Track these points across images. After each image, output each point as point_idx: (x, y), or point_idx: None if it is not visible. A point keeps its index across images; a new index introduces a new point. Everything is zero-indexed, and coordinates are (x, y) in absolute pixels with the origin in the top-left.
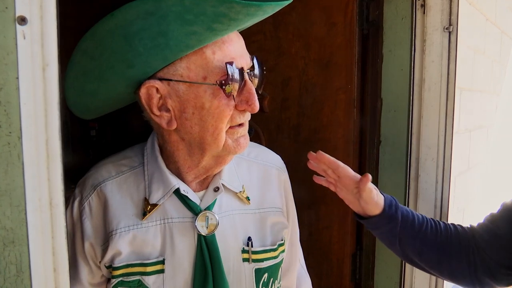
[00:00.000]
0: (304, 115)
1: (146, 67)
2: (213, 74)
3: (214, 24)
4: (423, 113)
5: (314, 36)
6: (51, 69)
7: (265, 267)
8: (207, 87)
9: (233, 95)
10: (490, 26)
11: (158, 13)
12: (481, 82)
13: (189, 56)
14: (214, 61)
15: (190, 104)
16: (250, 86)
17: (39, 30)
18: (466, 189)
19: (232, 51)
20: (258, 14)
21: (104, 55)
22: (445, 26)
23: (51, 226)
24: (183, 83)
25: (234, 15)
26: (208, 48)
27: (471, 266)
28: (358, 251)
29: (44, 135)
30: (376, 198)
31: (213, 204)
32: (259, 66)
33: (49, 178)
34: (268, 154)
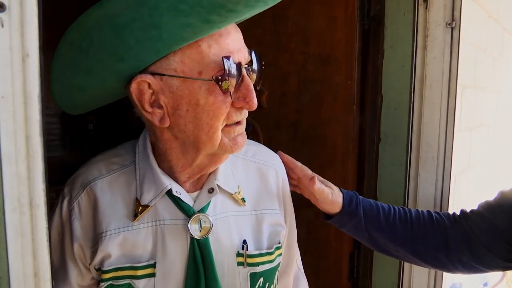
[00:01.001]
0: (303, 111)
1: (137, 61)
2: (209, 69)
3: (210, 15)
4: (424, 110)
5: (313, 31)
6: (31, 60)
7: (261, 271)
8: (202, 82)
9: (230, 91)
10: (493, 23)
11: (149, 3)
12: (483, 80)
13: (184, 50)
14: (210, 55)
15: (184, 101)
16: (248, 82)
17: (18, 18)
18: (466, 187)
19: (229, 45)
20: (259, 5)
21: (92, 48)
22: (448, 22)
23: (31, 228)
24: (176, 78)
25: (232, 6)
26: (204, 42)
27: (449, 250)
28: (356, 250)
29: (23, 131)
30: (331, 197)
31: (207, 206)
32: (258, 61)
33: (29, 177)
34: (266, 153)
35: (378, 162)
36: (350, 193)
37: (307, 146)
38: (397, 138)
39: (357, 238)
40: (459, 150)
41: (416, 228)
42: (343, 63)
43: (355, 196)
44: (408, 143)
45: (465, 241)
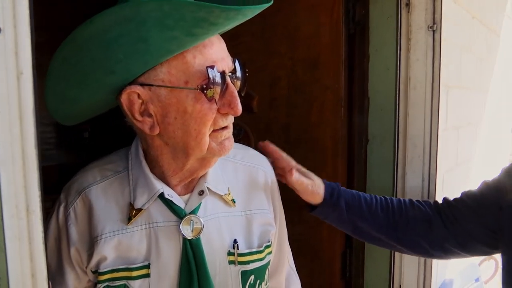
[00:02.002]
0: (293, 114)
1: (126, 73)
2: (194, 78)
3: (194, 29)
4: (409, 111)
5: (301, 36)
6: (25, 77)
7: (251, 269)
8: (188, 91)
9: (215, 99)
10: (477, 23)
11: (136, 19)
12: (468, 80)
13: (170, 61)
14: (195, 65)
15: (172, 109)
16: (232, 89)
17: (12, 39)
18: (454, 185)
19: (213, 55)
20: (238, 18)
21: (84, 61)
22: (429, 25)
23: (28, 232)
24: (164, 88)
25: (214, 19)
26: (189, 53)
27: (431, 236)
28: (348, 249)
29: (19, 143)
30: (310, 188)
31: (198, 207)
32: (241, 68)
33: (26, 186)
34: (255, 155)
35: (366, 163)
36: (332, 185)
37: (298, 149)
38: (384, 139)
39: (341, 229)
40: (447, 149)
41: (398, 216)
42: (331, 67)
43: (337, 187)
44: (395, 143)
45: (448, 228)
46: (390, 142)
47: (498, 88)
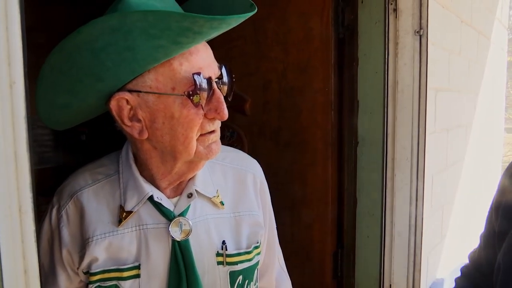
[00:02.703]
0: (285, 118)
1: (115, 80)
2: (181, 84)
3: (179, 37)
4: (397, 114)
5: (292, 41)
6: (17, 87)
7: (240, 269)
8: (175, 97)
9: (202, 104)
10: (466, 27)
11: (123, 28)
12: (458, 82)
13: (157, 68)
14: (182, 72)
15: (160, 114)
16: (218, 94)
17: (5, 50)
18: (445, 186)
19: (199, 62)
20: (222, 27)
21: (73, 70)
22: (416, 30)
23: (21, 231)
24: (152, 94)
25: (198, 28)
26: (176, 60)
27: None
28: (339, 250)
29: (12, 147)
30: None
31: (187, 210)
32: (228, 74)
33: (18, 187)
34: (244, 158)
35: (356, 164)
36: None
37: (289, 152)
38: (373, 141)
39: None
40: (436, 150)
41: None
42: (320, 71)
43: None
44: (384, 146)
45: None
46: (379, 144)
47: (489, 90)
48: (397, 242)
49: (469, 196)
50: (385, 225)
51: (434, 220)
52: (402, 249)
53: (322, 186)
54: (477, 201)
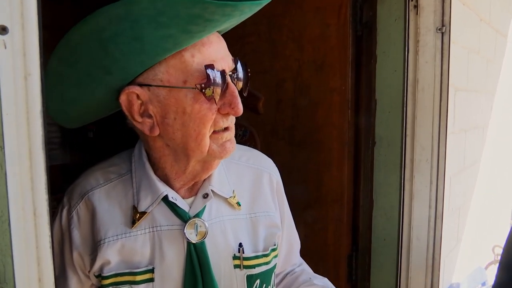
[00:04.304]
0: (299, 116)
1: (124, 73)
2: (193, 77)
3: (189, 26)
4: (417, 114)
5: (308, 38)
6: (33, 79)
7: (257, 273)
8: (187, 91)
9: (215, 98)
10: (485, 26)
11: (130, 17)
12: (476, 82)
13: (168, 60)
14: (194, 64)
15: (171, 109)
16: (232, 89)
17: (20, 40)
18: (462, 188)
19: (212, 54)
20: (235, 14)
21: (80, 62)
22: (438, 27)
23: (35, 236)
24: (163, 88)
25: (209, 15)
26: (187, 51)
27: None
28: (354, 252)
29: (27, 145)
30: None
31: (203, 210)
32: (243, 68)
33: (33, 188)
34: (260, 157)
35: (373, 165)
36: None
37: (304, 151)
38: (391, 141)
39: None
40: (454, 151)
41: None
42: (337, 69)
43: None
44: (402, 146)
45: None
46: (397, 145)
47: (506, 91)
48: (415, 245)
49: (485, 198)
50: (403, 228)
51: (451, 223)
52: (420, 253)
53: (337, 186)
54: (493, 203)
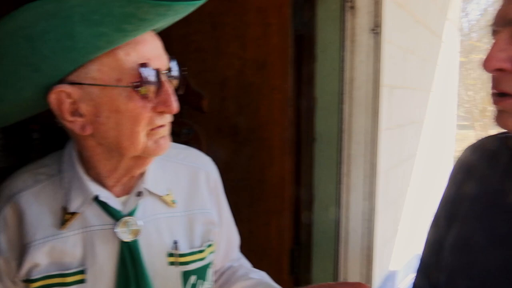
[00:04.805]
0: (242, 114)
1: (54, 70)
2: (127, 76)
3: (123, 24)
4: (353, 111)
5: (250, 37)
6: None
7: (193, 269)
8: (121, 89)
9: (150, 97)
10: (420, 27)
11: (61, 14)
12: (412, 80)
13: (101, 58)
14: (128, 63)
15: (105, 108)
16: (167, 87)
17: None
18: (398, 182)
19: (146, 52)
20: (169, 14)
21: (6, 59)
22: (372, 28)
23: None
24: (96, 86)
25: (143, 15)
26: (121, 50)
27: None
28: (296, 246)
29: None
30: None
31: (136, 209)
32: (178, 67)
33: None
34: (197, 155)
35: (313, 161)
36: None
37: (247, 148)
38: (330, 138)
39: None
40: (391, 146)
41: None
42: (279, 68)
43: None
44: (340, 142)
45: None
46: (335, 141)
47: (442, 89)
48: (352, 238)
49: (421, 190)
50: (341, 221)
51: (388, 215)
52: (356, 244)
53: (279, 182)
54: (428, 194)
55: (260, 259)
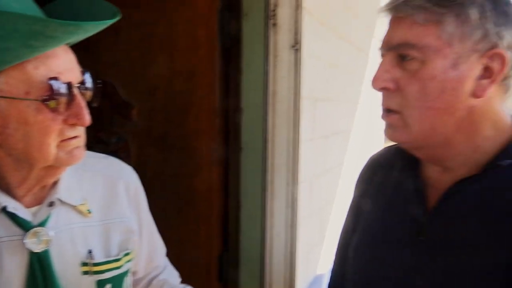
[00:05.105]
0: (171, 123)
1: None
2: (36, 89)
3: (30, 41)
4: (276, 122)
5: (179, 48)
6: None
7: (108, 278)
8: (30, 102)
9: (60, 110)
10: (345, 43)
11: None
12: (337, 93)
13: (8, 71)
14: (37, 76)
15: (13, 120)
16: (79, 100)
17: None
18: (324, 189)
19: (57, 66)
20: (79, 32)
21: None
22: (292, 45)
23: None
24: (3, 98)
25: (51, 32)
26: (30, 63)
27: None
28: (225, 252)
29: None
30: None
31: (47, 219)
32: (92, 80)
33: None
34: (116, 165)
35: (240, 169)
36: None
37: (176, 157)
38: (255, 147)
39: None
40: (315, 156)
41: None
42: (206, 79)
43: None
44: (264, 152)
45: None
46: (260, 150)
47: (369, 101)
48: (276, 243)
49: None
50: (266, 227)
51: (314, 221)
52: (280, 249)
53: (207, 190)
54: None
55: (189, 266)
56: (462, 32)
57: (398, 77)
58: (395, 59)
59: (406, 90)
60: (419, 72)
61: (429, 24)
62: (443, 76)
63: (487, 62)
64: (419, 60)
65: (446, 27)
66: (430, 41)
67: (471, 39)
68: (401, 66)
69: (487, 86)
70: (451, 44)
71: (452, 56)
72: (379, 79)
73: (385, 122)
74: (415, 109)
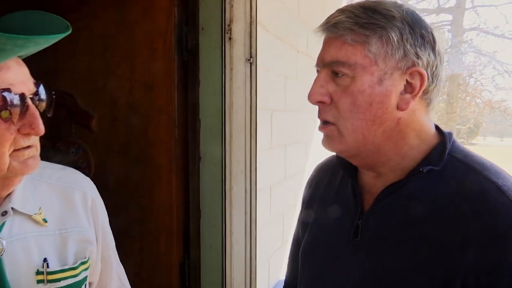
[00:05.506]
0: (132, 134)
1: None
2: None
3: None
4: (233, 132)
5: (139, 60)
6: None
7: (64, 286)
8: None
9: (13, 120)
10: (303, 56)
11: None
12: (295, 104)
13: None
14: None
15: None
16: (33, 110)
17: None
18: (284, 196)
19: (9, 78)
20: (29, 45)
21: None
22: (247, 58)
23: None
24: None
25: (0, 45)
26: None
27: None
28: (186, 260)
29: None
30: None
31: (0, 228)
32: (46, 91)
33: None
34: (74, 175)
35: (200, 178)
36: None
37: (137, 167)
38: (214, 156)
39: None
40: (274, 164)
41: None
42: (165, 90)
43: None
44: (223, 160)
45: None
46: (218, 159)
47: None
48: (235, 249)
49: None
50: (225, 234)
51: (275, 227)
52: (240, 255)
53: (167, 199)
54: None
55: (150, 275)
56: (385, 52)
57: (332, 92)
58: (329, 75)
59: (339, 103)
60: (350, 87)
61: (356, 44)
62: (371, 91)
63: (408, 79)
64: (350, 76)
65: (371, 47)
66: (358, 59)
67: (394, 58)
68: (335, 81)
69: (410, 100)
70: (376, 62)
71: (378, 73)
72: (315, 93)
73: (323, 133)
74: (348, 120)
